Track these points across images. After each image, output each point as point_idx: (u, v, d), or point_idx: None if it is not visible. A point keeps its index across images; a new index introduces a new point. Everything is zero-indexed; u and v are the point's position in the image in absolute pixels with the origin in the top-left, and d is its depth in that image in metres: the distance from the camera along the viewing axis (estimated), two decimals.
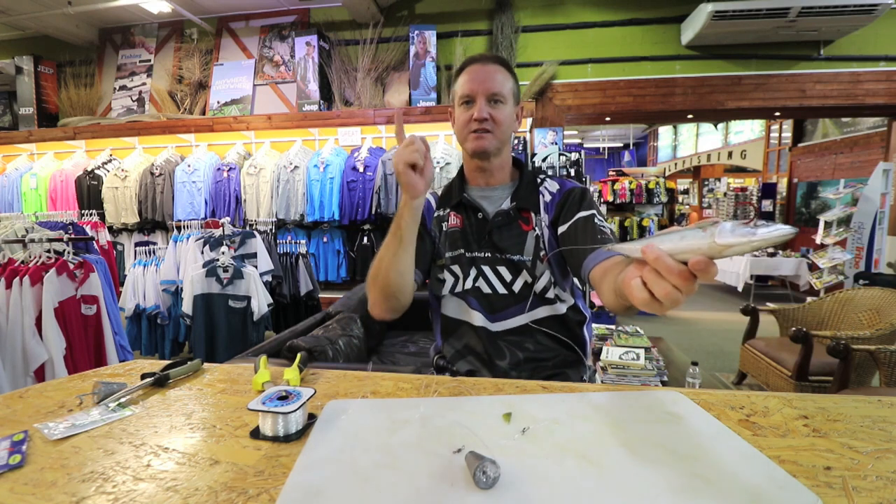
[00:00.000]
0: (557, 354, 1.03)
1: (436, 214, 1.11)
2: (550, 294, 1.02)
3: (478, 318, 1.02)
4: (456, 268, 1.05)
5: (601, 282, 0.82)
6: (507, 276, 1.02)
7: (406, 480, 0.47)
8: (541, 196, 1.06)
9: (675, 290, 0.45)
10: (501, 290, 1.02)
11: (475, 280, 1.03)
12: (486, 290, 1.03)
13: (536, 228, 1.03)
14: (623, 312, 0.81)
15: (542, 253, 1.01)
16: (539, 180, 1.09)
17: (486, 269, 1.03)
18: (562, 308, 1.03)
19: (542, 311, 1.02)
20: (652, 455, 0.50)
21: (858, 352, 2.02)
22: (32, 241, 1.94)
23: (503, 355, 1.02)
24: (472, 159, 1.05)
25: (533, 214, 1.04)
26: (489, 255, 1.03)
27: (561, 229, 1.00)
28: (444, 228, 1.08)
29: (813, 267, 4.99)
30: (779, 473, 0.46)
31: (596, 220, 0.96)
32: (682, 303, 0.46)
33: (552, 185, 1.07)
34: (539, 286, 1.01)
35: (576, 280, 1.08)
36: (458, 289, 1.04)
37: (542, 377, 1.00)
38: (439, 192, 1.16)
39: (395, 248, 0.88)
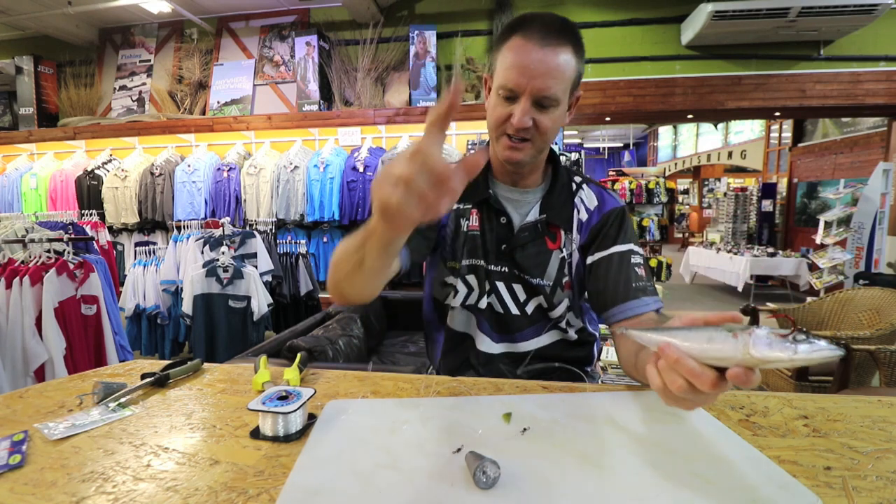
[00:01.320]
0: (562, 372, 0.96)
1: (457, 206, 0.94)
2: (566, 321, 0.92)
3: (483, 341, 0.93)
4: (472, 279, 0.92)
5: (620, 345, 0.76)
6: (522, 296, 0.91)
7: (406, 480, 0.47)
8: (575, 211, 0.91)
9: (697, 391, 0.41)
10: (514, 310, 0.91)
11: (488, 296, 0.91)
12: (498, 308, 0.92)
13: (564, 249, 0.89)
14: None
15: (565, 279, 0.89)
16: (574, 186, 0.93)
17: (501, 285, 0.91)
18: (572, 335, 0.93)
19: (552, 336, 0.93)
20: (652, 455, 0.50)
21: (858, 352, 2.02)
22: (32, 241, 1.94)
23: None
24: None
25: (562, 232, 0.90)
26: (506, 270, 0.90)
27: (591, 259, 0.87)
28: (462, 227, 0.93)
29: (813, 267, 4.99)
30: (779, 473, 0.46)
31: (633, 259, 0.85)
32: (711, 402, 0.42)
33: (590, 199, 0.91)
34: (556, 313, 0.90)
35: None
36: (471, 301, 0.93)
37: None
38: None
39: (356, 269, 0.63)
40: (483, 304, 0.91)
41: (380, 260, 0.58)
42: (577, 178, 0.95)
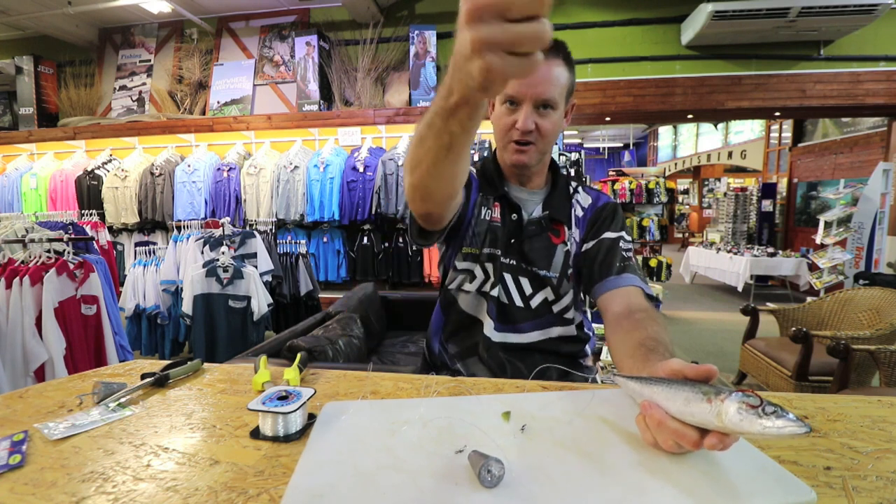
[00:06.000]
0: (558, 369, 0.97)
1: (480, 195, 1.00)
2: (569, 314, 0.97)
3: (488, 325, 0.96)
4: (489, 266, 0.97)
5: (607, 311, 0.83)
6: (528, 290, 0.96)
7: (410, 481, 0.47)
8: (573, 209, 0.99)
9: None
10: (518, 302, 0.96)
11: (495, 286, 0.96)
12: (504, 299, 0.96)
13: (568, 243, 0.96)
14: None
15: (569, 271, 0.95)
16: (571, 189, 1.02)
17: (508, 276, 0.96)
18: (572, 329, 0.98)
19: (555, 331, 0.97)
20: (650, 451, 0.50)
21: (858, 352, 2.02)
22: (32, 241, 1.94)
23: (504, 370, 0.96)
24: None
25: (565, 227, 0.97)
26: (514, 262, 0.96)
27: (585, 246, 0.95)
28: (484, 216, 0.98)
29: (813, 267, 4.99)
30: (774, 467, 0.46)
31: (621, 244, 0.92)
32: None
33: (584, 199, 1.01)
34: (560, 305, 0.95)
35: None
36: (486, 288, 0.97)
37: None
38: (472, 168, 1.03)
39: (440, 156, 0.60)
40: (495, 291, 0.96)
41: (467, 137, 0.57)
42: (574, 183, 1.05)
